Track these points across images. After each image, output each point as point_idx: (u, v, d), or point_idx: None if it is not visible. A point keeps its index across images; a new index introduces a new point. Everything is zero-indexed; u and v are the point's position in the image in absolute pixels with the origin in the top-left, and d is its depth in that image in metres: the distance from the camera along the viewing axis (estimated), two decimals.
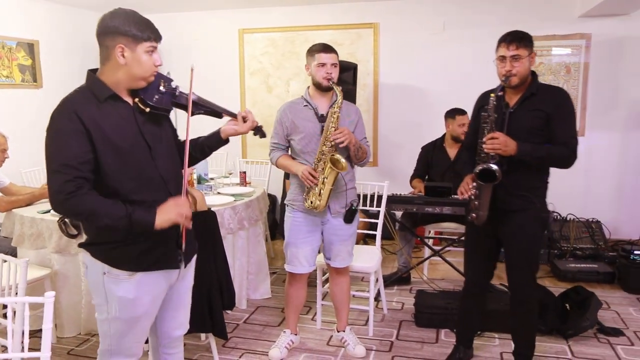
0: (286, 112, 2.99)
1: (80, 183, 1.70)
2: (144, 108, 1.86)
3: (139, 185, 1.85)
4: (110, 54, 1.79)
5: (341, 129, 2.80)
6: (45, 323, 1.71)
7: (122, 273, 1.85)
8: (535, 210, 2.66)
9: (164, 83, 1.89)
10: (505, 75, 2.57)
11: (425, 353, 3.22)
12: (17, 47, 5.01)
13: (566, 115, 2.59)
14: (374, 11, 5.60)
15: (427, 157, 4.50)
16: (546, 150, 2.56)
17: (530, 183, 2.66)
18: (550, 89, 2.68)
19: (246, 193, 3.97)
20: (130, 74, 1.81)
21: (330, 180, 2.83)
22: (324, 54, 2.87)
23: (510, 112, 2.63)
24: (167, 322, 2.13)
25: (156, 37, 1.84)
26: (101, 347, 1.98)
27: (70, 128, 1.72)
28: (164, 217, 1.78)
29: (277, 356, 3.15)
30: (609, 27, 5.09)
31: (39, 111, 5.26)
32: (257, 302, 3.99)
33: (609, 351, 3.19)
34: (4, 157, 3.85)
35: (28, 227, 3.41)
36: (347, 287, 3.24)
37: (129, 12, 1.82)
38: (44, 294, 1.69)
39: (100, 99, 1.79)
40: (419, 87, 5.61)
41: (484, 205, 2.65)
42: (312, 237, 3.05)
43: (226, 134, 2.15)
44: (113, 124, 1.79)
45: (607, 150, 5.28)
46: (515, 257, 2.72)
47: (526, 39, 2.58)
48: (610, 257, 4.58)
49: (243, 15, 5.93)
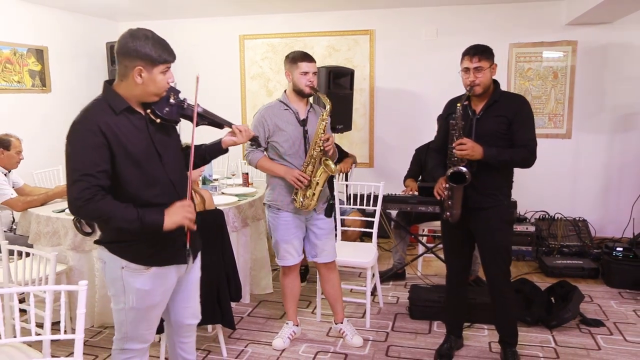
0: (268, 115, 3.13)
1: (97, 190, 1.86)
2: (155, 119, 2.03)
3: (154, 190, 2.03)
4: (128, 74, 1.94)
5: (327, 135, 3.05)
6: (79, 308, 1.92)
7: (139, 267, 2.04)
8: (503, 207, 2.93)
9: (173, 96, 2.06)
10: (469, 85, 2.83)
11: (418, 343, 3.44)
12: (28, 53, 5.22)
13: (525, 119, 2.84)
14: (370, 18, 5.83)
15: (421, 158, 4.70)
16: (509, 153, 2.81)
17: (497, 183, 2.91)
18: (511, 96, 2.96)
19: (249, 193, 4.18)
20: (146, 91, 1.97)
21: (322, 182, 3.08)
22: (306, 63, 3.07)
23: (477, 118, 2.89)
24: (181, 312, 2.34)
25: (172, 59, 1.99)
26: (117, 335, 2.17)
27: (92, 140, 1.87)
28: (172, 219, 1.96)
29: (280, 345, 3.36)
30: (594, 34, 5.34)
31: (47, 115, 5.47)
32: (259, 296, 4.21)
33: (589, 340, 3.42)
34: (19, 158, 4.06)
35: (44, 225, 3.60)
36: (338, 282, 3.45)
37: (147, 34, 1.94)
38: (78, 283, 1.90)
39: (116, 111, 1.94)
40: (413, 91, 5.84)
41: (457, 204, 2.91)
42: (299, 232, 3.28)
43: (226, 145, 2.35)
44: (128, 135, 1.95)
45: (593, 152, 5.52)
46: (488, 251, 2.98)
47: (487, 52, 2.83)
48: (595, 254, 4.82)
49: (244, 22, 6.15)
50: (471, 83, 2.80)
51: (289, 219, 3.21)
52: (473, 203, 2.90)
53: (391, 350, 3.34)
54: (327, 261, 3.33)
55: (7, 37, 5.01)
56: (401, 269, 4.56)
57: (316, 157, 3.06)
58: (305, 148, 3.13)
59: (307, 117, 3.16)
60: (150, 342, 2.24)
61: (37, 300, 2.44)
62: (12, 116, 5.05)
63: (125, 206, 1.91)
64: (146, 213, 1.92)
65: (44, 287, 1.96)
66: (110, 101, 1.97)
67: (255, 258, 4.18)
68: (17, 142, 4.02)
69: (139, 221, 1.90)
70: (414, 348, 3.37)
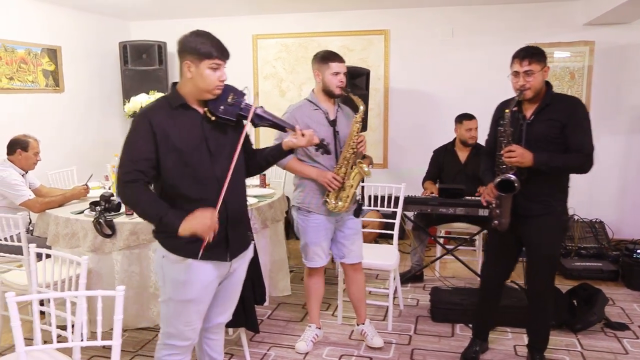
0: (299, 114, 3.05)
1: (137, 176, 2.00)
2: (210, 117, 2.09)
3: (193, 183, 2.08)
4: (182, 70, 2.06)
5: (361, 137, 2.99)
6: (116, 314, 1.89)
7: (177, 258, 2.10)
8: (555, 214, 2.81)
9: (232, 96, 2.11)
10: (519, 90, 2.72)
11: (442, 346, 3.40)
12: (42, 53, 5.19)
13: (579, 123, 2.71)
14: (385, 18, 5.80)
15: (439, 160, 4.68)
16: (562, 159, 2.69)
17: (550, 189, 2.79)
18: (564, 98, 2.82)
19: (268, 194, 4.15)
20: (196, 86, 2.05)
21: (355, 184, 3.02)
22: (338, 63, 3.02)
23: (528, 123, 2.78)
24: (213, 309, 2.33)
25: (221, 56, 2.04)
26: (162, 328, 2.24)
27: (142, 131, 2.02)
28: (187, 227, 1.97)
29: (303, 349, 3.33)
30: (612, 35, 5.30)
31: (61, 115, 5.44)
32: (278, 298, 4.17)
33: (616, 344, 3.39)
34: (36, 159, 4.04)
35: (63, 227, 3.57)
36: (363, 284, 3.41)
37: (200, 32, 2.05)
38: (116, 288, 1.87)
39: (172, 106, 2.07)
40: (428, 91, 5.80)
41: (506, 213, 2.82)
42: (329, 234, 3.23)
43: (287, 146, 2.33)
44: (179, 129, 2.05)
45: (610, 153, 5.47)
46: (535, 259, 2.89)
47: (539, 54, 2.71)
48: (613, 256, 4.77)
49: (257, 22, 6.11)
50: (521, 87, 2.70)
51: (319, 221, 3.15)
52: (523, 210, 2.81)
53: (416, 353, 3.31)
54: (354, 262, 3.29)
55: (22, 36, 4.98)
56: (420, 271, 4.53)
57: (349, 159, 3.00)
58: (336, 149, 3.07)
59: (337, 117, 3.12)
60: (191, 341, 2.24)
61: (56, 303, 2.41)
62: (26, 116, 5.02)
63: (154, 200, 2.03)
64: (168, 214, 1.99)
65: (81, 292, 1.92)
66: (169, 98, 2.11)
67: (274, 260, 4.15)
68: (34, 143, 3.99)
69: (158, 219, 2.01)
70: (439, 351, 3.34)
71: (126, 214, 3.51)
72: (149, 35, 6.12)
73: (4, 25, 4.82)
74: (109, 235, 3.41)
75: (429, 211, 4.15)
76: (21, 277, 3.37)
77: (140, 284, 3.52)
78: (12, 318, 1.80)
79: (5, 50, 4.80)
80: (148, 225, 3.35)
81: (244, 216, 2.32)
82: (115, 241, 3.42)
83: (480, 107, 4.49)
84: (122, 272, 3.47)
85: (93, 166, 5.15)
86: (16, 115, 4.91)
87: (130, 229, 3.39)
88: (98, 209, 3.49)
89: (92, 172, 4.46)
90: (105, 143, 5.93)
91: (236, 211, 2.21)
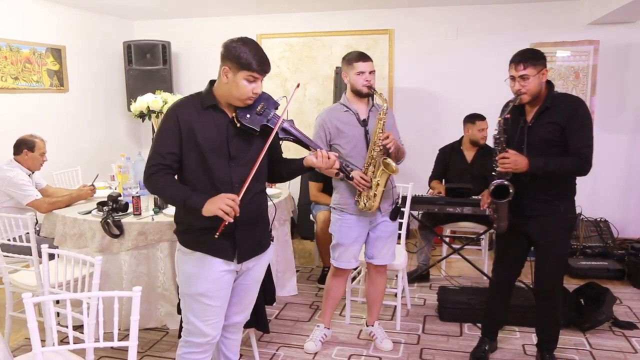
0: (328, 118, 3.11)
1: (161, 167, 2.08)
2: (236, 123, 2.12)
3: (209, 185, 2.12)
4: (220, 72, 2.09)
5: (387, 133, 2.95)
6: (133, 315, 1.89)
7: (187, 251, 2.19)
8: (561, 214, 2.80)
9: (263, 106, 2.13)
10: (515, 94, 2.73)
11: (451, 345, 3.40)
12: (46, 53, 5.18)
13: (579, 124, 2.69)
14: (389, 18, 5.79)
15: (445, 159, 4.68)
16: (558, 163, 2.68)
17: (555, 189, 2.79)
18: (565, 99, 2.78)
19: (275, 194, 4.14)
20: (229, 92, 2.09)
21: (383, 182, 3.00)
22: (362, 62, 3.02)
23: (529, 127, 2.79)
24: (229, 307, 2.34)
25: (259, 70, 2.04)
26: (183, 324, 2.28)
27: (169, 125, 2.11)
28: (210, 207, 2.00)
29: (312, 349, 3.33)
30: (617, 34, 5.30)
31: (65, 114, 5.44)
32: (285, 298, 4.17)
33: (624, 343, 3.39)
34: (42, 160, 4.03)
35: (70, 227, 3.56)
36: (384, 285, 3.40)
37: (247, 41, 2.06)
38: (132, 289, 1.86)
39: (203, 105, 2.13)
40: (433, 91, 5.80)
41: (503, 217, 2.87)
42: (361, 237, 3.21)
43: (307, 164, 2.32)
44: (205, 127, 2.11)
45: (615, 152, 5.48)
46: (543, 258, 2.90)
47: (535, 57, 2.69)
48: (619, 255, 4.77)
49: (261, 21, 6.10)
50: (517, 92, 2.71)
51: (352, 222, 3.14)
52: (529, 210, 2.83)
53: (425, 353, 3.31)
54: (381, 264, 3.27)
55: (27, 36, 4.97)
56: (426, 270, 4.53)
57: (376, 157, 2.97)
58: (367, 148, 3.05)
59: (368, 117, 3.10)
60: (210, 338, 2.24)
61: (64, 304, 2.40)
62: (30, 116, 5.01)
63: (178, 186, 2.10)
64: (192, 196, 2.05)
65: (96, 292, 1.92)
66: (203, 97, 2.16)
67: (281, 260, 4.15)
68: (41, 143, 3.98)
69: (182, 202, 2.06)
70: (448, 350, 3.34)
71: (134, 214, 3.51)
72: (153, 35, 6.12)
73: (9, 25, 4.81)
74: (117, 235, 3.40)
75: (436, 210, 4.15)
76: (29, 277, 3.36)
77: (148, 284, 3.51)
78: (28, 319, 1.79)
79: (10, 50, 4.79)
80: (156, 225, 3.38)
81: (259, 221, 2.31)
82: (123, 241, 3.42)
83: (485, 106, 4.51)
84: (130, 273, 3.47)
85: (98, 166, 5.15)
86: (21, 115, 4.91)
87: (138, 229, 3.38)
88: (106, 209, 3.48)
89: (97, 172, 4.45)
90: (109, 143, 5.93)
91: (249, 217, 2.20)
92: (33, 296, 1.81)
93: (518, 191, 2.78)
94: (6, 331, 3.36)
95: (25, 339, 3.54)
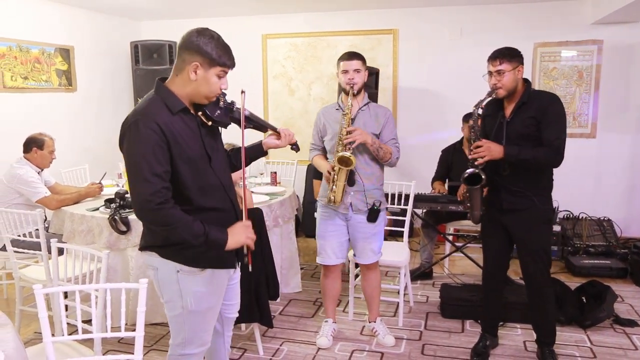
0: (320, 116, 3.29)
1: (167, 194, 1.84)
2: (206, 121, 2.03)
3: (207, 193, 2.01)
4: (185, 68, 1.92)
5: (352, 128, 2.98)
6: (139, 306, 1.94)
7: (195, 270, 2.02)
8: (538, 208, 2.91)
9: (222, 99, 2.07)
10: (492, 89, 2.87)
11: (453, 342, 3.44)
12: (55, 53, 5.26)
13: (552, 117, 2.81)
14: (394, 18, 5.83)
15: (447, 159, 4.71)
16: (531, 152, 2.80)
17: (531, 184, 2.90)
18: (540, 95, 2.93)
19: (279, 192, 4.20)
20: (197, 90, 1.95)
21: (341, 177, 3.04)
22: (345, 61, 3.10)
23: (507, 121, 2.91)
24: (223, 308, 2.35)
25: (231, 65, 1.98)
26: (174, 340, 2.15)
27: (155, 139, 1.83)
28: (235, 239, 1.96)
29: (326, 344, 3.38)
30: (620, 34, 5.31)
31: (73, 114, 5.52)
32: (289, 295, 4.22)
33: (625, 340, 3.42)
34: (51, 158, 4.10)
35: (78, 223, 3.63)
36: (376, 282, 3.44)
37: (214, 35, 1.95)
38: (139, 281, 1.92)
39: (173, 111, 1.92)
40: (437, 91, 5.84)
41: (476, 206, 3.00)
42: (338, 232, 3.27)
43: (267, 146, 2.34)
44: (184, 136, 1.93)
45: (618, 152, 5.50)
46: (525, 252, 2.99)
47: (510, 54, 2.85)
48: (622, 254, 4.80)
49: (267, 22, 6.17)
50: (493, 86, 2.85)
51: (326, 214, 3.27)
52: (507, 204, 2.95)
53: (426, 348, 3.35)
54: (365, 263, 3.33)
55: (36, 37, 5.06)
56: (429, 267, 4.57)
57: (340, 152, 3.00)
58: None
59: (357, 115, 3.14)
60: (208, 344, 2.23)
61: (73, 297, 2.46)
62: (40, 115, 5.09)
63: (193, 220, 1.88)
64: (212, 230, 1.90)
65: (104, 284, 1.97)
66: (166, 100, 1.93)
67: (285, 257, 4.20)
68: (50, 141, 4.06)
69: (204, 237, 1.88)
70: (449, 347, 3.38)
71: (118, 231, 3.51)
72: (160, 35, 6.18)
73: (19, 26, 4.89)
74: (124, 231, 3.46)
75: (438, 208, 4.19)
76: (38, 272, 3.44)
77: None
78: (39, 309, 1.85)
79: (20, 50, 4.87)
80: None
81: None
82: (130, 237, 3.48)
83: None
84: (136, 268, 3.53)
85: (105, 164, 5.22)
86: (30, 114, 4.99)
87: None
88: (113, 206, 3.54)
89: (104, 170, 4.52)
90: (116, 142, 5.95)
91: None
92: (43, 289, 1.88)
93: (496, 185, 2.95)
94: (16, 325, 3.44)
95: (35, 332, 3.61)
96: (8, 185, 3.86)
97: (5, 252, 3.58)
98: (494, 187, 3.00)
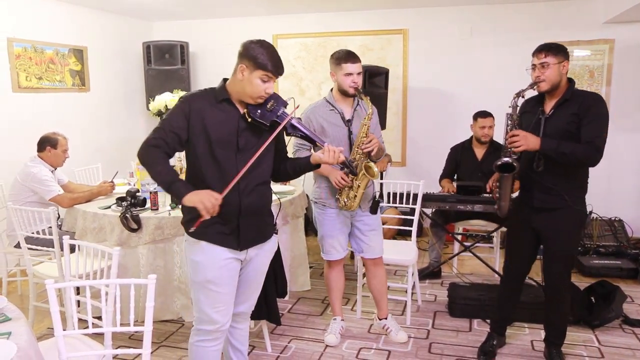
0: (314, 115, 3.17)
1: (161, 143, 2.17)
2: (247, 118, 2.24)
3: (217, 175, 2.22)
4: (236, 69, 2.20)
5: (370, 137, 3.02)
6: (148, 301, 1.98)
7: (192, 240, 2.28)
8: (571, 209, 2.84)
9: (272, 103, 2.24)
10: (534, 81, 2.80)
11: (460, 340, 3.45)
12: (69, 54, 5.34)
13: (594, 116, 2.74)
14: (404, 17, 5.85)
15: (456, 157, 4.71)
16: (571, 147, 2.71)
17: (565, 183, 2.83)
18: (585, 94, 2.85)
19: (288, 191, 4.23)
20: (243, 90, 2.20)
21: (363, 185, 3.08)
22: (350, 64, 3.03)
23: (546, 117, 2.85)
24: (235, 297, 2.41)
25: (274, 72, 2.16)
26: (194, 314, 2.37)
27: (179, 110, 2.21)
28: (192, 198, 2.10)
29: (334, 342, 3.40)
30: (632, 33, 5.28)
31: (86, 113, 5.60)
32: (297, 293, 4.26)
33: (634, 340, 3.41)
34: (65, 157, 4.17)
35: (90, 221, 3.69)
36: (384, 278, 3.47)
37: (265, 44, 2.17)
38: (148, 277, 1.96)
39: (217, 99, 2.24)
40: (447, 90, 5.84)
41: (505, 196, 2.94)
42: (345, 228, 3.31)
43: (314, 160, 2.39)
44: (216, 120, 2.21)
45: (629, 152, 5.47)
46: (551, 252, 2.94)
47: (556, 48, 2.78)
48: (632, 254, 4.76)
49: (277, 22, 6.21)
50: (536, 79, 2.78)
51: (334, 215, 3.25)
52: (539, 202, 2.89)
53: (434, 347, 3.37)
54: (373, 257, 3.35)
55: (51, 37, 5.14)
56: (437, 267, 4.58)
57: (359, 160, 3.05)
58: (350, 149, 3.13)
59: (353, 117, 3.17)
60: (219, 325, 2.32)
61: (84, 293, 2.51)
62: (54, 115, 5.17)
63: (169, 169, 2.18)
64: (179, 182, 2.16)
65: (114, 280, 2.02)
66: (216, 92, 2.28)
67: (294, 255, 4.24)
68: (63, 140, 4.13)
69: (168, 183, 2.16)
70: (456, 345, 3.39)
71: (151, 209, 3.62)
72: (172, 36, 6.25)
73: (34, 27, 4.97)
74: (135, 229, 3.52)
75: (447, 208, 4.20)
76: (52, 269, 3.51)
77: (164, 277, 3.63)
78: (51, 303, 1.90)
79: (34, 51, 4.95)
80: (173, 220, 3.49)
81: (262, 212, 2.40)
82: (141, 235, 3.53)
83: (499, 105, 4.49)
84: (147, 266, 3.58)
85: (117, 163, 5.29)
86: (44, 114, 5.07)
87: (156, 223, 3.49)
88: (124, 204, 3.60)
89: (116, 169, 4.59)
90: (129, 141, 6.07)
91: (252, 206, 2.30)
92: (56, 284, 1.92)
93: (529, 181, 2.89)
94: (30, 320, 3.51)
95: (47, 328, 3.68)
96: (22, 183, 3.93)
97: (20, 249, 3.66)
98: (526, 183, 2.96)
